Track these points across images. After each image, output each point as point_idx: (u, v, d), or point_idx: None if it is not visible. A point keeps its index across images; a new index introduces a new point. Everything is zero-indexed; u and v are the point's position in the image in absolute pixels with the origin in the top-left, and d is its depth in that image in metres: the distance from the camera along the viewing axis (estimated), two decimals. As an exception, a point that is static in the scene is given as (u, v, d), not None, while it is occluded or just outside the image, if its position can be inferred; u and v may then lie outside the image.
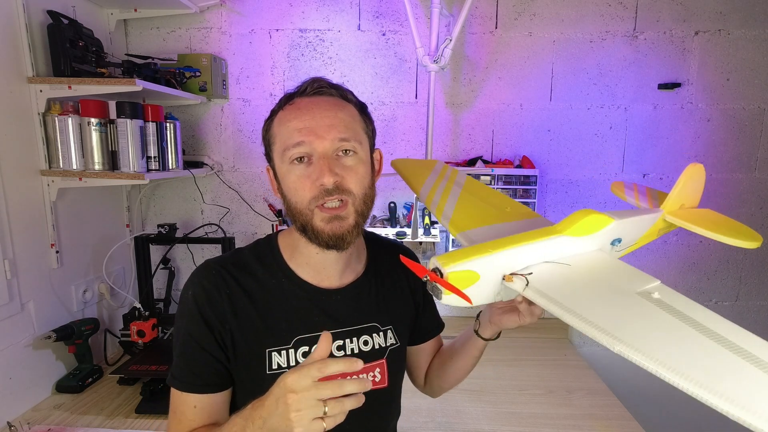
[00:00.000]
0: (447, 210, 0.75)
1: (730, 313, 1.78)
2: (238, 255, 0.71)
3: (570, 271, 0.57)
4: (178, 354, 0.66)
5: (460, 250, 0.57)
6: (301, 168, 0.61)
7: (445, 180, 0.86)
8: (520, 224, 0.71)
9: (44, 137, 1.23)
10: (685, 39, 1.62)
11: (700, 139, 1.68)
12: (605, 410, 1.25)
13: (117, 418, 1.15)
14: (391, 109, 1.68)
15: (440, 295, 0.55)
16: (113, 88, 1.23)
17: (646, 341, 0.43)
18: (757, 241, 0.68)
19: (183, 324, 0.66)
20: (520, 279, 0.55)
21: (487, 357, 0.78)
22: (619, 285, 0.55)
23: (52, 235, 1.27)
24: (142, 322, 1.38)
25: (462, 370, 0.79)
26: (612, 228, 0.62)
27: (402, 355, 0.77)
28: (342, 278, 0.71)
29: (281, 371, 0.64)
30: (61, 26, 1.22)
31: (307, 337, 0.67)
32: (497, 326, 0.70)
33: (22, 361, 1.18)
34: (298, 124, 0.61)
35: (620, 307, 0.50)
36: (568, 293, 0.52)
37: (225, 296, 0.65)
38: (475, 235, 0.68)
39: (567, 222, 0.61)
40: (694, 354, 0.42)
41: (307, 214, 0.62)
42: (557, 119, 1.67)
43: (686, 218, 0.72)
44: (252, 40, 1.63)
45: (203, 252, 1.71)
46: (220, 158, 1.70)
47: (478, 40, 1.64)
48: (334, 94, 0.65)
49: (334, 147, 0.61)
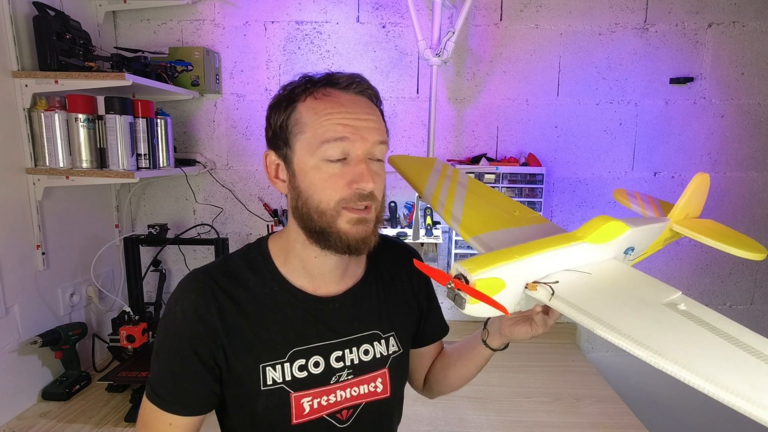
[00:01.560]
0: (455, 212, 0.73)
1: (745, 316, 1.74)
2: (227, 263, 0.67)
3: (592, 280, 0.55)
4: (165, 371, 0.62)
5: (484, 255, 0.55)
6: (336, 166, 0.58)
7: (448, 179, 0.83)
8: (532, 229, 0.69)
9: (30, 134, 1.21)
10: (698, 31, 1.58)
11: (714, 135, 1.63)
12: (615, 418, 1.22)
13: (106, 426, 1.13)
14: (391, 104, 1.65)
15: (464, 304, 0.52)
16: (102, 83, 1.20)
17: (687, 356, 0.43)
18: (763, 253, 0.70)
19: (169, 341, 0.62)
20: (544, 288, 0.53)
21: (492, 363, 0.77)
22: (644, 296, 0.53)
23: (38, 236, 1.24)
24: (131, 326, 1.35)
25: (465, 377, 0.77)
26: (628, 236, 0.63)
27: (404, 362, 0.74)
28: (340, 284, 0.67)
29: (277, 386, 0.62)
30: (47, 18, 1.20)
31: (303, 350, 0.63)
32: (508, 337, 0.68)
33: (7, 367, 1.15)
34: (341, 119, 0.57)
35: (651, 319, 0.49)
36: (598, 304, 0.51)
37: (215, 311, 0.61)
38: (489, 240, 0.66)
39: (587, 228, 0.60)
40: (737, 368, 0.42)
41: (332, 215, 0.58)
42: (565, 115, 1.64)
43: (693, 228, 0.73)
44: (246, 33, 1.60)
45: (195, 253, 1.69)
46: (213, 156, 1.67)
47: (482, 32, 1.60)
48: (372, 97, 0.63)
49: (372, 151, 0.59)
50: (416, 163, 0.89)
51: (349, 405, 0.66)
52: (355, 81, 0.61)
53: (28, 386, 1.22)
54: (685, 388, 0.42)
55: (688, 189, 0.74)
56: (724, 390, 0.39)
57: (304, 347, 0.63)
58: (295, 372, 0.62)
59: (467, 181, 0.85)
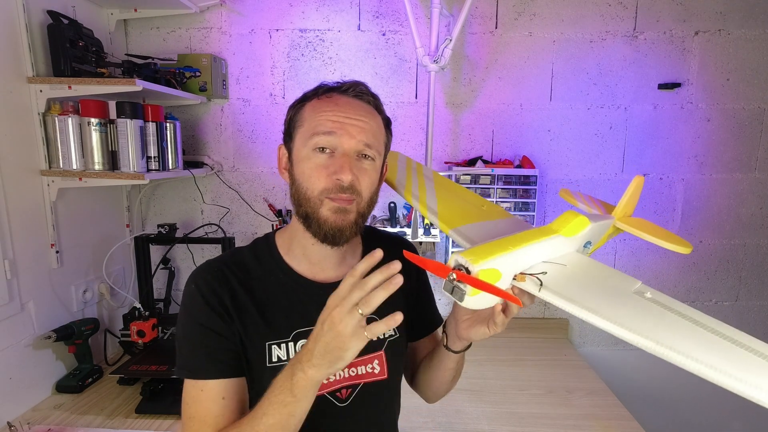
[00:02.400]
0: (431, 204, 0.73)
1: (730, 312, 1.78)
2: (237, 254, 0.72)
3: (568, 271, 0.56)
4: (191, 345, 0.64)
5: (481, 246, 0.54)
6: (323, 158, 0.63)
7: (414, 172, 0.83)
8: (504, 223, 0.70)
9: (44, 137, 1.23)
10: (685, 39, 1.62)
11: (700, 139, 1.68)
12: (605, 410, 1.25)
13: (117, 418, 1.15)
14: (391, 109, 1.68)
15: (464, 296, 0.50)
16: (113, 88, 1.23)
17: (675, 340, 0.44)
18: (689, 247, 0.73)
19: (190, 315, 0.65)
20: (531, 279, 0.53)
21: (487, 357, 0.77)
22: (615, 285, 0.54)
23: (52, 235, 1.27)
24: (142, 322, 1.38)
25: (443, 382, 0.77)
26: (589, 230, 0.64)
27: (401, 347, 0.76)
28: (337, 271, 0.71)
29: (281, 364, 0.65)
30: (61, 26, 1.22)
31: (305, 331, 0.67)
32: (466, 339, 0.68)
33: (22, 361, 1.18)
34: (332, 116, 0.63)
35: (630, 307, 0.50)
36: (584, 294, 0.51)
37: (227, 292, 0.66)
38: (469, 232, 0.66)
39: (561, 222, 0.62)
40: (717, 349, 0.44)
41: (315, 203, 0.63)
42: (557, 119, 1.68)
43: (632, 225, 0.76)
44: (252, 40, 1.63)
45: (203, 252, 1.71)
46: (220, 158, 1.70)
47: (478, 40, 1.64)
48: (371, 102, 0.67)
49: (357, 149, 0.63)
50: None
51: (348, 384, 0.69)
52: (354, 85, 0.66)
53: (42, 379, 1.24)
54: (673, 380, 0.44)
55: (629, 190, 0.76)
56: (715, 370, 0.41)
57: (307, 328, 0.67)
58: (298, 350, 0.65)
59: (432, 175, 0.84)
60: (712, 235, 1.74)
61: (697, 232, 1.73)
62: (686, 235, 1.73)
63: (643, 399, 1.71)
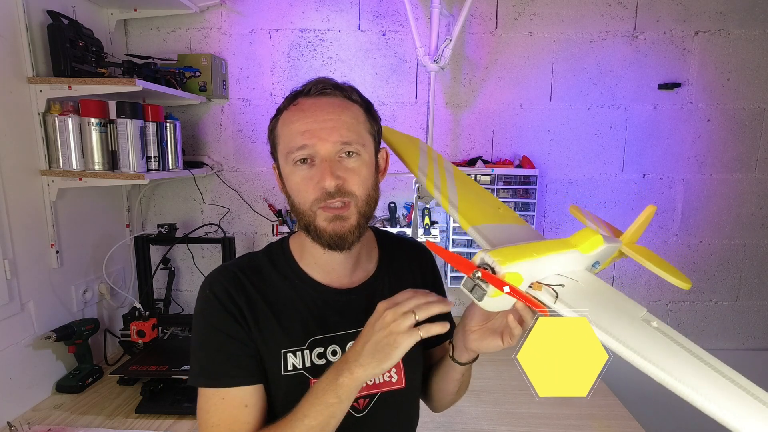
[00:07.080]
0: (452, 198, 0.70)
1: (730, 312, 1.78)
2: (252, 259, 0.70)
3: (581, 288, 0.55)
4: (209, 352, 0.63)
5: (508, 248, 0.53)
6: (304, 170, 0.61)
7: (435, 162, 0.81)
8: (518, 229, 0.68)
9: (44, 137, 1.23)
10: (685, 39, 1.62)
11: (700, 139, 1.68)
12: (605, 410, 1.25)
13: (117, 418, 1.15)
14: (391, 109, 1.68)
15: (483, 296, 0.50)
16: (113, 88, 1.22)
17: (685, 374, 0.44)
18: (688, 283, 0.73)
19: (207, 322, 0.64)
20: (547, 290, 0.51)
21: (487, 357, 0.76)
22: (625, 309, 0.53)
23: (52, 235, 1.26)
24: (142, 322, 1.38)
25: (447, 393, 0.75)
26: (601, 250, 0.62)
27: (418, 354, 0.74)
28: (353, 277, 0.70)
29: (296, 372, 0.64)
30: (61, 26, 1.22)
31: (321, 338, 0.66)
32: (474, 351, 0.65)
33: (23, 361, 1.17)
34: (300, 126, 0.61)
35: (641, 333, 0.49)
36: (597, 313, 0.49)
37: (243, 297, 0.65)
38: (488, 232, 0.64)
39: (579, 237, 0.60)
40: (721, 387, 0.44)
41: (310, 215, 0.62)
42: (557, 119, 1.68)
43: (638, 252, 0.74)
44: (252, 40, 1.64)
45: (203, 252, 1.72)
46: (220, 158, 1.70)
47: (478, 40, 1.64)
48: (338, 95, 0.64)
49: (336, 150, 0.61)
50: (404, 139, 0.86)
51: (366, 394, 0.67)
52: (315, 84, 0.63)
53: (42, 379, 1.23)
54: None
55: (640, 218, 0.75)
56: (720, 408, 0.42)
57: (323, 336, 0.66)
58: (314, 359, 0.65)
59: (452, 168, 0.82)
60: (712, 235, 1.73)
61: (697, 232, 1.73)
62: (686, 234, 1.74)
63: (643, 399, 1.71)
